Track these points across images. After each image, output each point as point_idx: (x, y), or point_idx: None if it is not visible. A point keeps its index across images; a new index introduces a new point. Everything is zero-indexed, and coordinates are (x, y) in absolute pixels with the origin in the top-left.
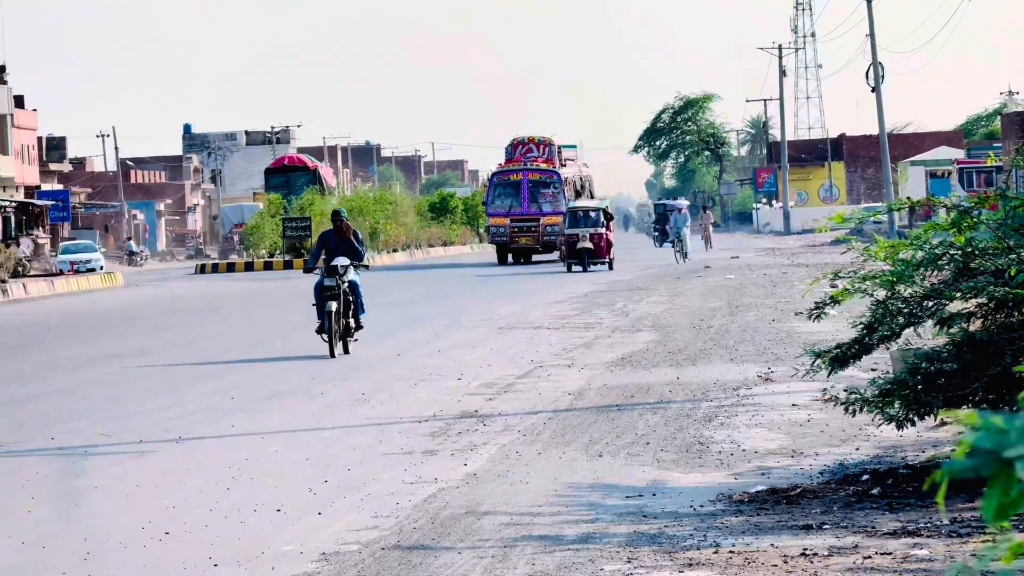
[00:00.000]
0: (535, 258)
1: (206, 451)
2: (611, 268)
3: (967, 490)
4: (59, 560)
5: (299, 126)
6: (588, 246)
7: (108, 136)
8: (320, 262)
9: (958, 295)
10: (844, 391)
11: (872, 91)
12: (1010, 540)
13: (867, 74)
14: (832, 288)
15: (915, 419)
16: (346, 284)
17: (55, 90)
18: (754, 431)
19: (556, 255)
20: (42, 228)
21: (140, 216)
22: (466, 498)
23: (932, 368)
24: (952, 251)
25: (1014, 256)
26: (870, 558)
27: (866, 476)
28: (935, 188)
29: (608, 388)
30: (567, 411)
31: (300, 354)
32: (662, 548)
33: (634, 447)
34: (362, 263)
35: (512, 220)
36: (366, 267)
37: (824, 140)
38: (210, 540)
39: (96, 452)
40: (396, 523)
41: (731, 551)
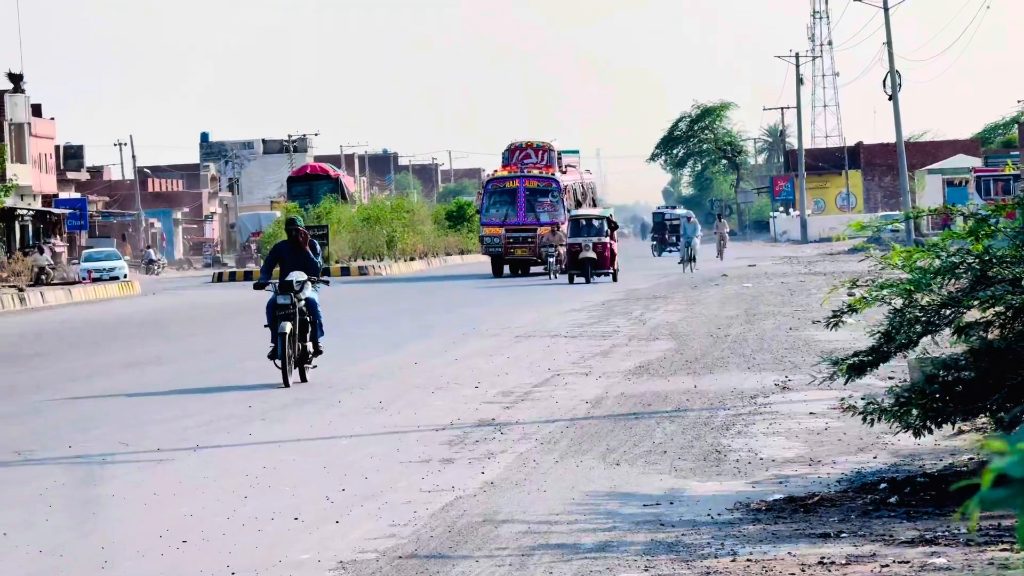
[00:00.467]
0: (533, 270)
1: (223, 459)
2: (615, 279)
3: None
4: (76, 569)
5: (316, 134)
6: (591, 256)
7: (125, 144)
8: (276, 276)
9: (976, 304)
10: (862, 400)
11: (889, 99)
12: None
13: (884, 82)
14: (850, 296)
15: (933, 427)
16: (303, 302)
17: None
18: (772, 439)
19: (545, 267)
20: (59, 236)
21: (157, 224)
22: (483, 506)
23: (950, 377)
24: (969, 259)
25: None
26: (888, 567)
27: (884, 484)
28: (952, 196)
29: (625, 396)
30: (584, 419)
31: (252, 383)
32: (680, 557)
33: (651, 455)
34: (321, 278)
35: (507, 230)
36: (325, 282)
37: (841, 148)
38: (227, 548)
39: (114, 460)
40: (413, 531)
41: (749, 559)
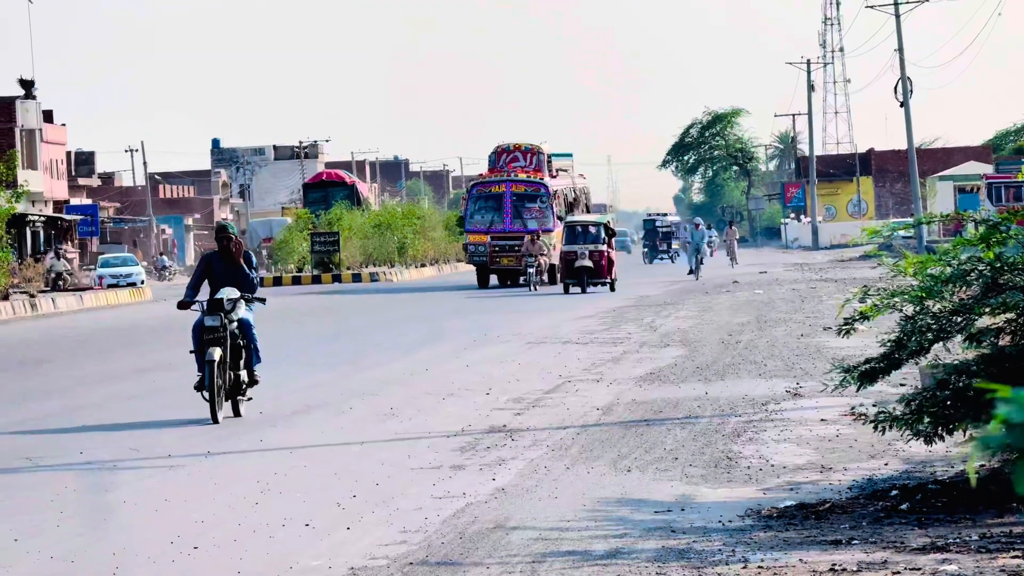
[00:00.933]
0: (522, 280)
1: (235, 465)
2: (613, 289)
3: (996, 505)
4: (87, 575)
5: (327, 141)
6: (587, 264)
7: (137, 151)
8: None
9: (987, 310)
10: (873, 407)
11: (901, 106)
12: None
13: (896, 89)
14: (861, 304)
15: (944, 434)
16: (235, 324)
17: (84, 105)
18: (783, 446)
19: (525, 277)
20: (71, 243)
21: (168, 230)
22: (494, 513)
23: (961, 384)
24: (981, 266)
25: None
26: (899, 574)
27: (895, 491)
28: (963, 203)
29: (636, 403)
30: (595, 426)
31: (179, 417)
32: (691, 564)
33: (662, 462)
34: (256, 296)
35: (493, 238)
36: (262, 300)
37: (852, 155)
38: (239, 555)
39: (124, 467)
40: (424, 538)
41: (760, 566)
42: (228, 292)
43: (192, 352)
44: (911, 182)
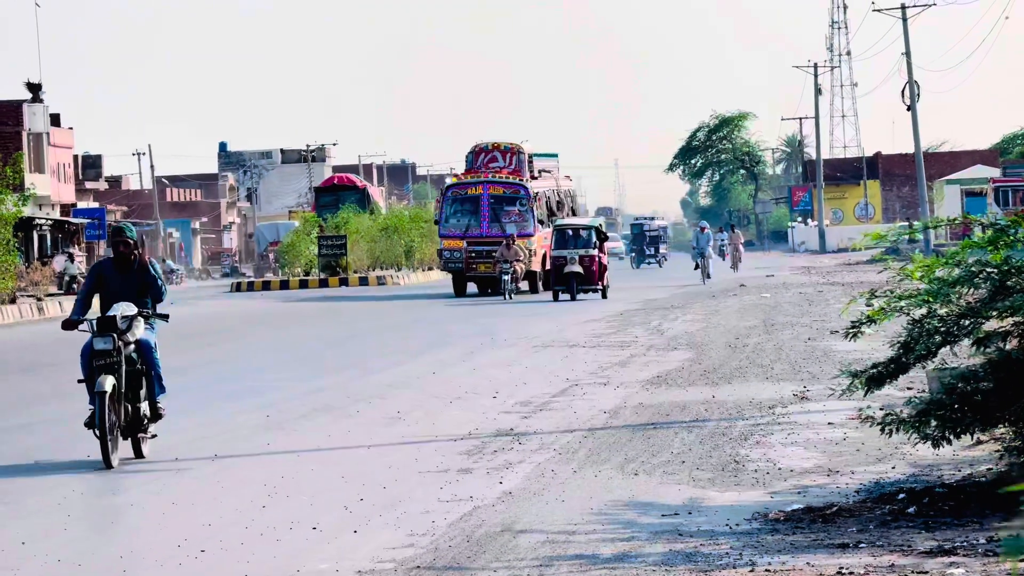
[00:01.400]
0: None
1: (242, 469)
2: (605, 296)
3: (1003, 509)
4: None
5: (335, 144)
6: (577, 270)
7: (144, 154)
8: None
9: (994, 314)
10: (880, 410)
11: (908, 109)
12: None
13: (903, 92)
14: (868, 308)
15: (951, 438)
16: (131, 347)
17: (91, 108)
18: (790, 450)
19: (501, 285)
20: (78, 246)
21: (176, 234)
22: (502, 516)
23: (968, 387)
24: (988, 270)
25: None
26: None
27: (902, 495)
28: (971, 206)
29: (644, 407)
30: (603, 429)
31: (67, 459)
32: (698, 567)
33: (670, 466)
34: (158, 313)
35: (469, 243)
36: (165, 318)
37: (860, 158)
38: (246, 558)
39: (132, 470)
40: (431, 541)
41: (767, 570)
42: (123, 308)
43: (80, 381)
44: (918, 186)
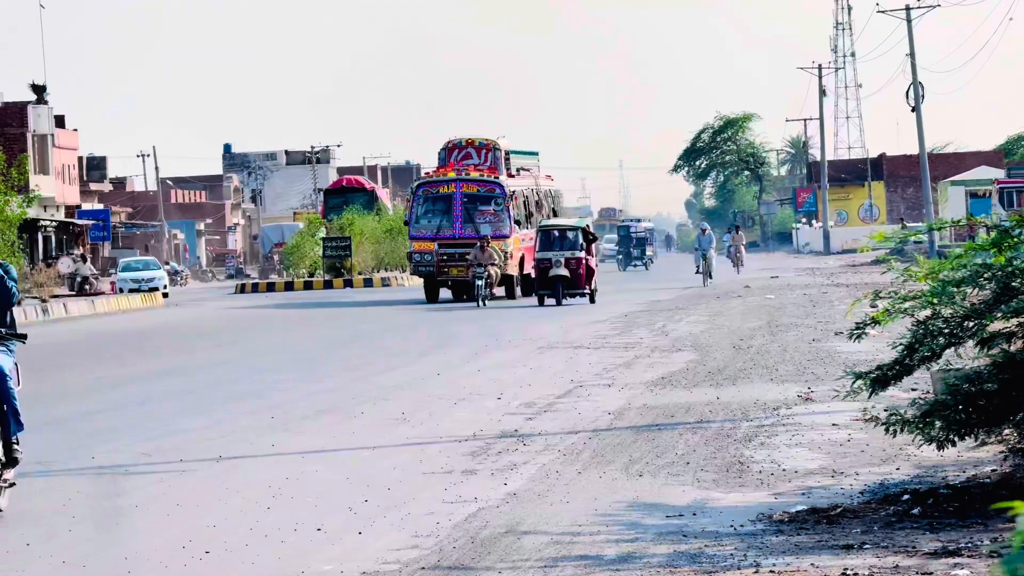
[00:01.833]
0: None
1: (246, 470)
2: (592, 300)
3: (1007, 510)
4: None
5: (339, 146)
6: (563, 274)
7: (148, 156)
8: None
9: (999, 315)
10: (884, 411)
11: (912, 111)
12: None
13: (907, 94)
14: (872, 309)
15: (955, 439)
16: None
17: (96, 110)
18: (794, 451)
19: (475, 290)
20: (82, 248)
21: (180, 235)
22: (506, 518)
23: (973, 389)
24: (993, 271)
25: None
26: None
27: (907, 496)
28: (975, 208)
29: (648, 408)
30: (607, 431)
31: None
32: (702, 568)
33: (674, 467)
34: (15, 333)
35: (441, 245)
36: (22, 338)
37: (864, 160)
38: (250, 559)
39: (136, 471)
40: (436, 543)
41: (771, 571)
42: None
43: None
44: (923, 187)
